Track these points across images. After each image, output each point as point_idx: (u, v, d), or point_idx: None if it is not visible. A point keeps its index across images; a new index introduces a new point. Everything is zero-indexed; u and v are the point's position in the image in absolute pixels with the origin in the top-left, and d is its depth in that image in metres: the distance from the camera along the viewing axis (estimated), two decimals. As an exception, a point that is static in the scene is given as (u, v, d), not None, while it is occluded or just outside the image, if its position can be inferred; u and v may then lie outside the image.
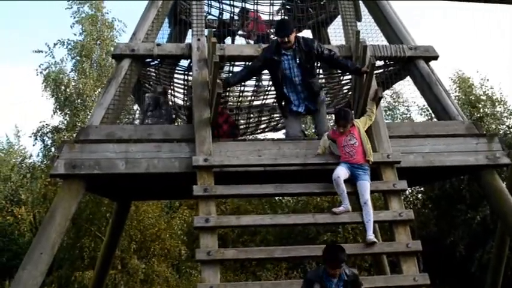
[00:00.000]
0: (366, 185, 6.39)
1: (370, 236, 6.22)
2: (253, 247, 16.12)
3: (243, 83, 8.71)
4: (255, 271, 18.01)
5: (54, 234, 6.39)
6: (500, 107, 19.04)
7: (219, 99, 6.57)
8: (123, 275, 16.31)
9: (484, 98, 19.29)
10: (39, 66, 19.92)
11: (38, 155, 20.55)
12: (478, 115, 18.63)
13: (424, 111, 18.49)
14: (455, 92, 19.90)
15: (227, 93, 9.35)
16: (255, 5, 9.90)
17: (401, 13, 8.23)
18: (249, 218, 7.05)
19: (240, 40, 10.17)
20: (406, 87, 8.58)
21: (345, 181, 6.41)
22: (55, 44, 19.99)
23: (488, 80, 19.68)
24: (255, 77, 8.39)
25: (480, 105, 19.14)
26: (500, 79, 37.21)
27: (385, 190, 6.64)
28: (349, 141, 6.52)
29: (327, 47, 7.38)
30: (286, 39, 6.91)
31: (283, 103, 7.48)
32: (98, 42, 20.06)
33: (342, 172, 6.41)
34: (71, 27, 20.27)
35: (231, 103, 9.75)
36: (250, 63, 7.42)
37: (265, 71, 7.69)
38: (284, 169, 6.67)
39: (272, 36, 9.22)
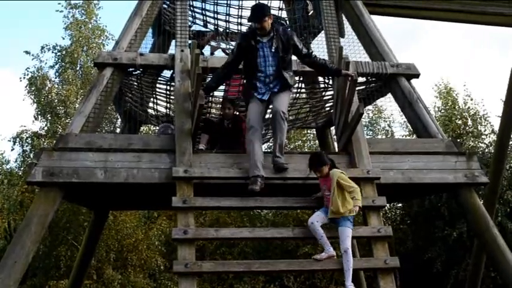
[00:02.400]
0: (345, 232, 6.02)
1: (349, 286, 5.93)
2: (231, 259, 16.09)
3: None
4: (232, 283, 17.93)
5: (29, 242, 6.28)
6: (481, 125, 19.26)
7: (201, 111, 6.55)
8: (99, 285, 16.13)
9: (465, 114, 19.50)
10: (26, 69, 19.84)
11: (16, 161, 20.31)
12: (459, 131, 18.86)
13: (407, 126, 18.67)
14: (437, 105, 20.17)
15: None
16: (239, 19, 9.94)
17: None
18: (227, 230, 7.02)
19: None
20: (388, 103, 8.64)
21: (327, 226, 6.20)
22: (42, 47, 19.92)
23: (471, 98, 19.89)
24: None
25: (460, 122, 19.36)
26: (485, 95, 37.77)
27: (364, 206, 6.59)
28: (324, 191, 6.33)
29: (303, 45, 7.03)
30: (259, 26, 6.58)
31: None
32: (85, 48, 19.95)
33: (316, 217, 6.18)
34: (65, 29, 20.20)
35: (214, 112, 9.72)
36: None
37: None
38: (264, 182, 6.64)
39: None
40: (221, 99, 8.94)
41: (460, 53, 47.03)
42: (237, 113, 8.23)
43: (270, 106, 6.95)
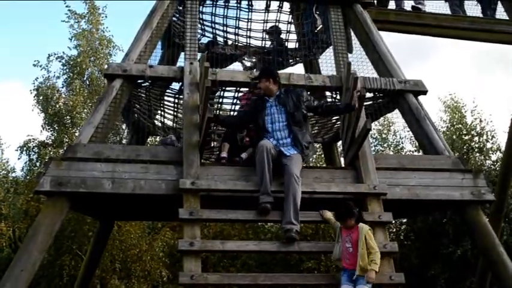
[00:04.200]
0: None
1: None
2: (234, 271, 16.04)
3: None
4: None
5: (36, 251, 6.31)
6: (488, 142, 19.22)
7: (209, 124, 6.59)
8: (102, 295, 16.14)
9: (473, 132, 19.48)
10: (36, 79, 19.89)
11: (23, 169, 20.34)
12: (464, 146, 18.84)
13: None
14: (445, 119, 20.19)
15: None
16: (248, 31, 10.01)
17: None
18: (233, 243, 7.03)
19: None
20: (397, 118, 8.67)
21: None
22: (49, 56, 19.98)
23: (481, 117, 19.79)
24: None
25: (467, 138, 19.34)
26: (493, 110, 37.79)
27: (370, 221, 6.61)
28: (345, 242, 6.06)
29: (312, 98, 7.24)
30: (262, 84, 6.99)
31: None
32: (92, 58, 20.02)
33: None
34: (70, 39, 20.29)
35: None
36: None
37: None
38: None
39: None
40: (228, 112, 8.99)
41: (466, 69, 47.10)
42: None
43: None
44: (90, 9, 20.63)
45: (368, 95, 7.82)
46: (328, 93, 8.93)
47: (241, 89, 8.23)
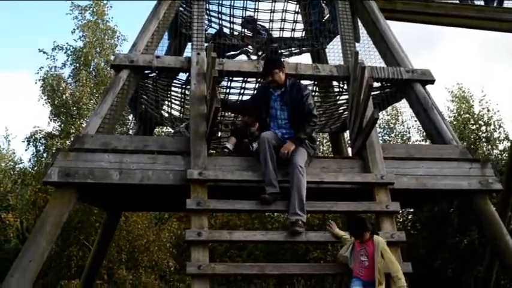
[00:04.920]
0: None
1: None
2: (240, 261, 16.07)
3: None
4: (242, 286, 17.91)
5: (44, 242, 6.35)
6: (496, 131, 19.11)
7: (217, 114, 6.58)
8: (110, 285, 16.21)
9: (480, 122, 19.36)
10: (40, 68, 19.87)
11: (30, 161, 20.38)
12: (472, 136, 18.75)
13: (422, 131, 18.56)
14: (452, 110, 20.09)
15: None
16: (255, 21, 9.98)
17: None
18: (241, 233, 7.05)
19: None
20: (405, 108, 8.66)
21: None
22: (53, 49, 19.95)
23: (488, 106, 19.65)
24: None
25: (474, 128, 19.24)
26: (501, 100, 37.51)
27: (377, 211, 6.64)
28: (360, 256, 5.89)
29: (311, 103, 6.87)
30: (271, 78, 6.81)
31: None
32: (98, 49, 19.99)
33: None
34: (72, 32, 20.25)
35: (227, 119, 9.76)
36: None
37: None
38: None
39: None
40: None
41: (474, 57, 46.88)
42: None
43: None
44: (95, 0, 20.57)
45: (375, 84, 7.80)
46: (335, 83, 8.92)
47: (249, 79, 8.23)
